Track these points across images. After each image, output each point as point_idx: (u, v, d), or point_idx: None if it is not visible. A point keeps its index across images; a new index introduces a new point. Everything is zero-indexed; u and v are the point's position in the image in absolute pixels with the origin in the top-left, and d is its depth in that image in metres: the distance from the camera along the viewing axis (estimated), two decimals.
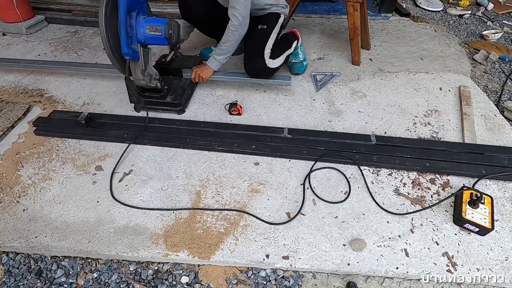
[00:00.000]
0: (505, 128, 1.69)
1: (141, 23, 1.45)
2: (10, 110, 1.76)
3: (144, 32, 1.46)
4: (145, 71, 1.56)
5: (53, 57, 2.25)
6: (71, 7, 2.75)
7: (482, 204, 1.25)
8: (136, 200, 1.36)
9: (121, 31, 1.38)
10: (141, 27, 1.45)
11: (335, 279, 1.18)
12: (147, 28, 1.46)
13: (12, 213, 1.32)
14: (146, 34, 1.46)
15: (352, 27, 1.98)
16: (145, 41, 1.49)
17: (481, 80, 2.17)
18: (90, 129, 1.63)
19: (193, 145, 1.56)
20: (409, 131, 1.68)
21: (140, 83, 1.60)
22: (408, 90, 1.94)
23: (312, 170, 1.47)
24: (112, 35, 1.40)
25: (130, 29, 1.43)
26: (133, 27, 1.44)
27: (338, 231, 1.26)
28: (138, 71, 1.56)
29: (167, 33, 1.47)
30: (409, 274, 1.14)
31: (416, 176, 1.45)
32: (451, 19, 2.88)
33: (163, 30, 1.46)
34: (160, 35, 1.47)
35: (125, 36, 1.40)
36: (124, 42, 1.40)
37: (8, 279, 1.18)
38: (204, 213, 1.31)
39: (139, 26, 1.45)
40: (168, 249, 1.20)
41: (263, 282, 1.16)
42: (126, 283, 1.17)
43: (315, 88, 1.95)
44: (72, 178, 1.45)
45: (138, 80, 1.60)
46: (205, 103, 1.85)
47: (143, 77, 1.57)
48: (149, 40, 1.49)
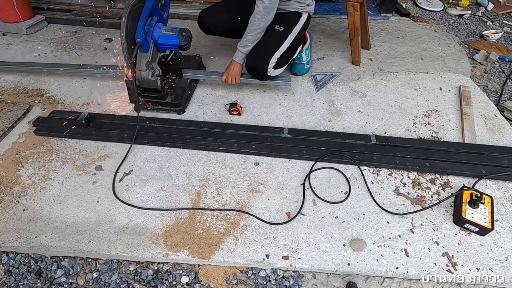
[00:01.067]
0: (505, 128, 1.69)
1: (158, 26, 1.61)
2: (10, 110, 1.76)
3: (160, 31, 1.60)
4: (150, 63, 1.60)
5: (53, 57, 2.25)
6: (71, 7, 2.75)
7: (482, 204, 1.25)
8: (136, 200, 1.36)
9: (142, 19, 1.51)
10: (158, 28, 1.60)
11: (335, 279, 1.18)
12: (163, 29, 1.61)
13: (12, 213, 1.32)
14: (161, 33, 1.60)
15: (352, 27, 1.98)
16: (159, 39, 1.60)
17: (481, 80, 2.17)
18: (90, 129, 1.63)
19: (193, 145, 1.56)
20: (409, 131, 1.68)
21: (141, 75, 1.60)
22: (408, 90, 1.94)
23: (312, 170, 1.47)
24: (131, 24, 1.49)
25: (148, 26, 1.55)
26: (151, 25, 1.58)
27: (338, 231, 1.26)
28: (144, 61, 1.58)
29: (180, 34, 1.59)
30: (409, 274, 1.14)
31: (416, 176, 1.45)
32: (451, 19, 2.88)
33: (177, 31, 1.60)
34: (173, 34, 1.59)
35: (142, 25, 1.50)
36: (141, 27, 1.49)
37: (8, 279, 1.18)
38: (204, 213, 1.31)
39: (157, 27, 1.60)
40: (168, 249, 1.20)
41: (263, 282, 1.16)
42: (126, 283, 1.17)
43: (315, 88, 1.95)
44: (72, 178, 1.45)
45: (141, 71, 1.60)
46: (205, 103, 1.85)
47: (146, 68, 1.58)
48: (163, 38, 1.60)
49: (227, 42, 2.40)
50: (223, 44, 2.38)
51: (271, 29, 1.69)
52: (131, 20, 1.48)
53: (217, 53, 2.27)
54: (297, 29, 1.75)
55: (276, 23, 1.70)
